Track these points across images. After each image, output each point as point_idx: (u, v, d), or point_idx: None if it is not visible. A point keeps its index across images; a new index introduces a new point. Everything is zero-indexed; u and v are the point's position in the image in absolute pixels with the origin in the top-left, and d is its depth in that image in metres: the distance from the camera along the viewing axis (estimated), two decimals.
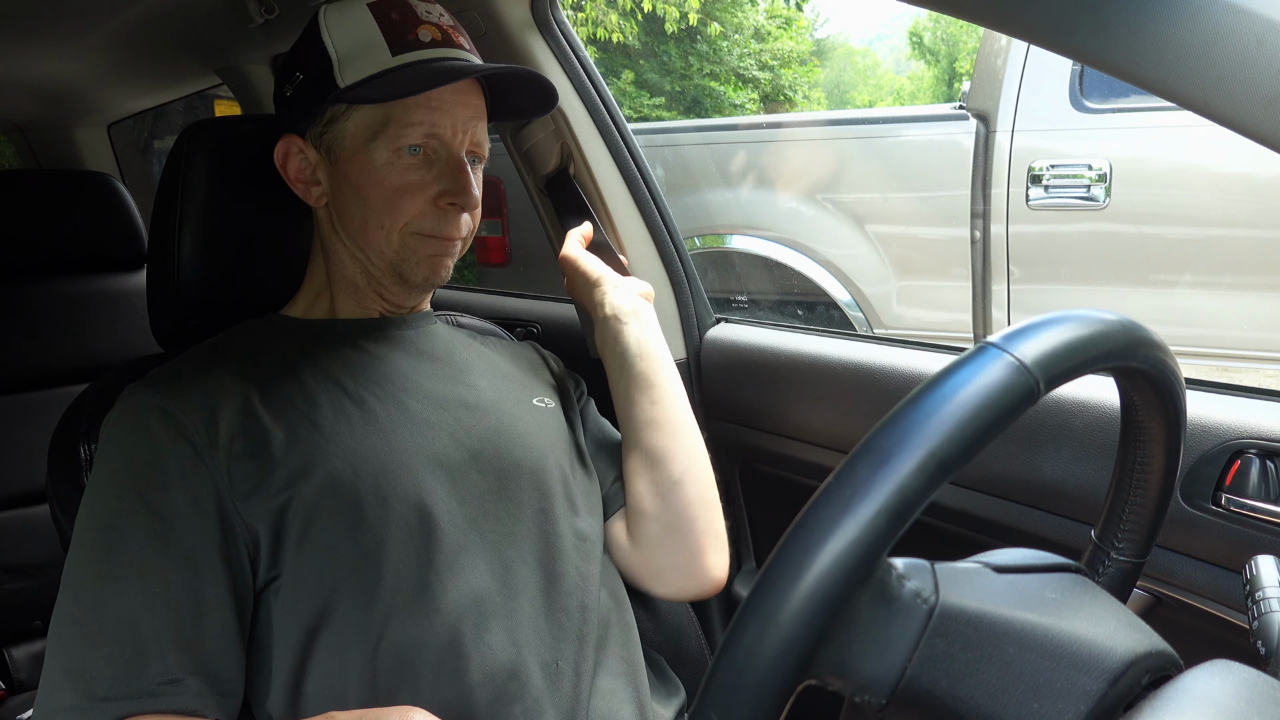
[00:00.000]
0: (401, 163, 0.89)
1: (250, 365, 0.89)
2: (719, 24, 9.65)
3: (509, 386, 1.01)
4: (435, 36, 0.90)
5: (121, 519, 0.78)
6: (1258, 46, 0.55)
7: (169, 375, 0.86)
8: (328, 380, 0.89)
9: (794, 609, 0.37)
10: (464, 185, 0.90)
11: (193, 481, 0.79)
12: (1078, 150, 2.89)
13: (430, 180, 0.90)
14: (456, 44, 0.92)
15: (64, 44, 1.79)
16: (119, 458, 0.81)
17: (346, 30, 0.90)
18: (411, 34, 0.89)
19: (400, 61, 0.88)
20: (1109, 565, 0.62)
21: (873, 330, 3.30)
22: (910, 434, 0.39)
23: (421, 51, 0.89)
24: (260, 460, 0.81)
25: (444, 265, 0.94)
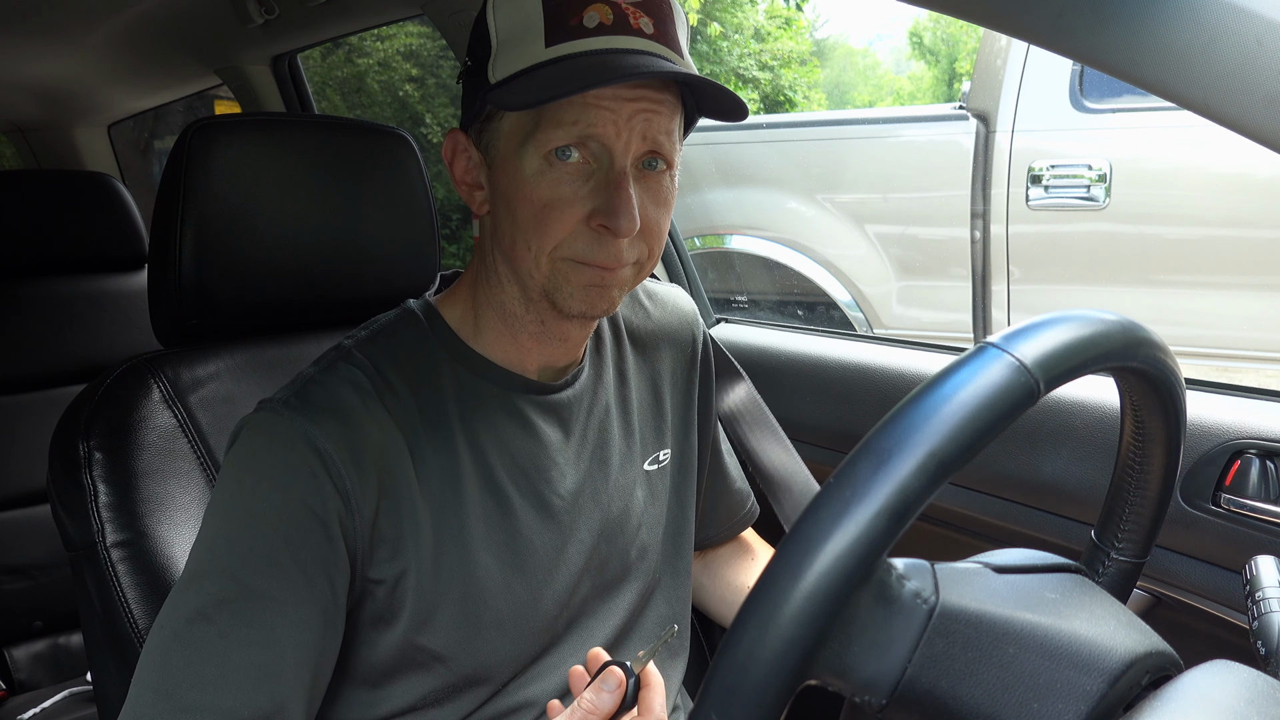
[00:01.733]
0: (553, 172, 0.74)
1: (412, 410, 0.80)
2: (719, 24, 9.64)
3: (634, 448, 0.94)
4: (605, 19, 0.73)
5: (241, 560, 0.71)
6: (1258, 46, 0.55)
7: (328, 404, 0.76)
8: (477, 456, 0.82)
9: (794, 609, 0.37)
10: (616, 205, 0.73)
11: (331, 543, 0.73)
12: (1078, 150, 2.89)
13: (585, 194, 0.75)
14: (633, 28, 0.74)
15: (64, 44, 1.79)
16: (260, 492, 0.73)
17: (511, 9, 0.75)
18: (576, 17, 0.73)
19: (553, 55, 0.73)
20: (1109, 565, 0.62)
21: (873, 330, 3.30)
22: (910, 434, 0.39)
23: (582, 41, 0.73)
24: (398, 550, 0.77)
25: (605, 297, 0.79)
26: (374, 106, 7.00)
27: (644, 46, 0.74)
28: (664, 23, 0.75)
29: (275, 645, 0.70)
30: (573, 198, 0.74)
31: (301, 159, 1.01)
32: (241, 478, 0.74)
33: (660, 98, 0.75)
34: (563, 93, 0.70)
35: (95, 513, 0.90)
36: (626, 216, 0.73)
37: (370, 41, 6.80)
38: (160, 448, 0.93)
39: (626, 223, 0.73)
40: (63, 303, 1.84)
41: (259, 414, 0.77)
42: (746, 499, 1.14)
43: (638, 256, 0.79)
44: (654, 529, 0.95)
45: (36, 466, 0.98)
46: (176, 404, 0.95)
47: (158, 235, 0.96)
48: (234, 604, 0.69)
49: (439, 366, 0.83)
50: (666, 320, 1.01)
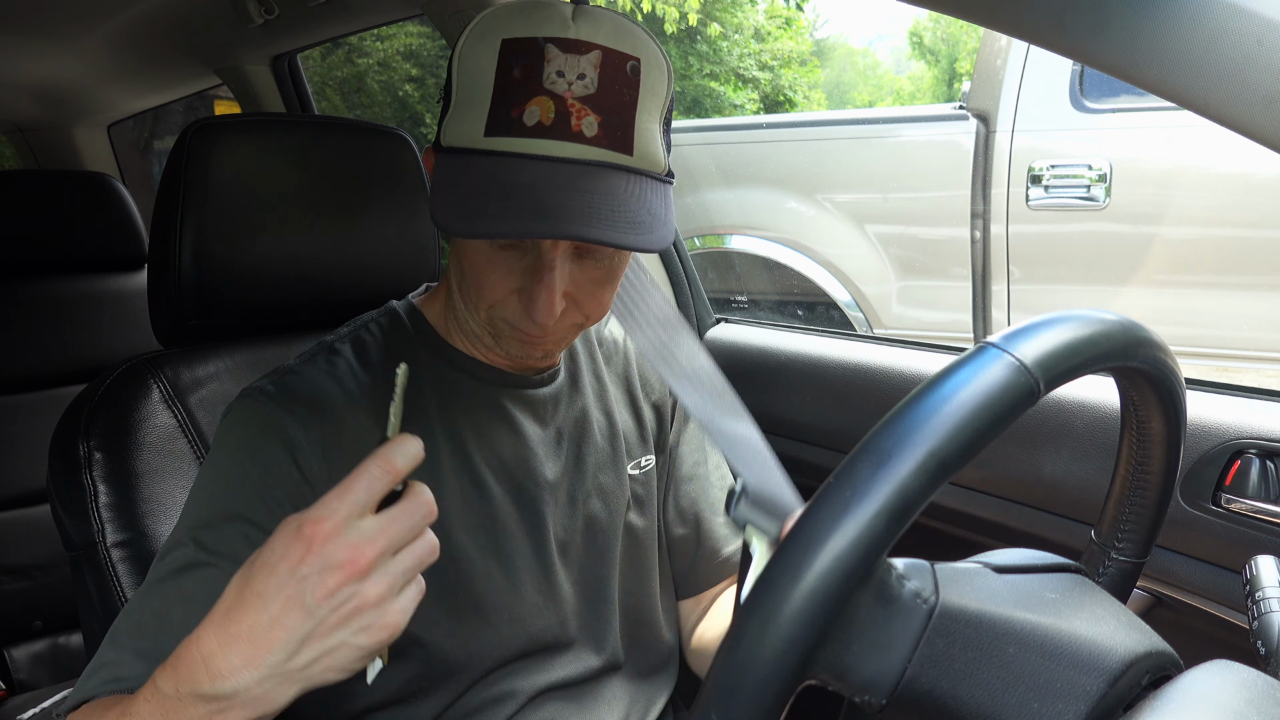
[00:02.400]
0: (489, 247, 0.75)
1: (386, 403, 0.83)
2: (719, 24, 9.64)
3: (620, 451, 0.94)
4: (545, 118, 0.70)
5: (206, 527, 0.75)
6: (1258, 46, 0.55)
7: (303, 393, 0.79)
8: (455, 446, 0.84)
9: (794, 609, 0.37)
10: (534, 297, 0.74)
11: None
12: (1077, 150, 2.89)
13: (516, 272, 0.76)
14: (573, 131, 0.70)
15: (64, 44, 1.79)
16: (227, 469, 0.78)
17: (470, 68, 0.73)
18: (518, 108, 0.70)
19: (489, 146, 0.71)
20: (1109, 565, 0.62)
21: (873, 330, 3.30)
22: (910, 434, 0.39)
23: (518, 140, 0.70)
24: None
25: (540, 351, 0.81)
26: (374, 106, 7.00)
27: (580, 154, 0.70)
28: (618, 114, 0.72)
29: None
30: (505, 273, 0.76)
31: (301, 159, 1.01)
32: (216, 459, 0.79)
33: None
34: (466, 232, 0.70)
35: (95, 513, 0.90)
36: (544, 310, 0.74)
37: (370, 41, 6.80)
38: (160, 448, 0.93)
39: (543, 315, 0.74)
40: (63, 303, 1.84)
41: (238, 401, 0.80)
42: (730, 540, 1.02)
43: (573, 322, 0.80)
44: (638, 533, 0.95)
45: (36, 466, 0.98)
46: (176, 404, 0.95)
47: (157, 235, 0.96)
48: (198, 569, 0.73)
49: (419, 362, 0.85)
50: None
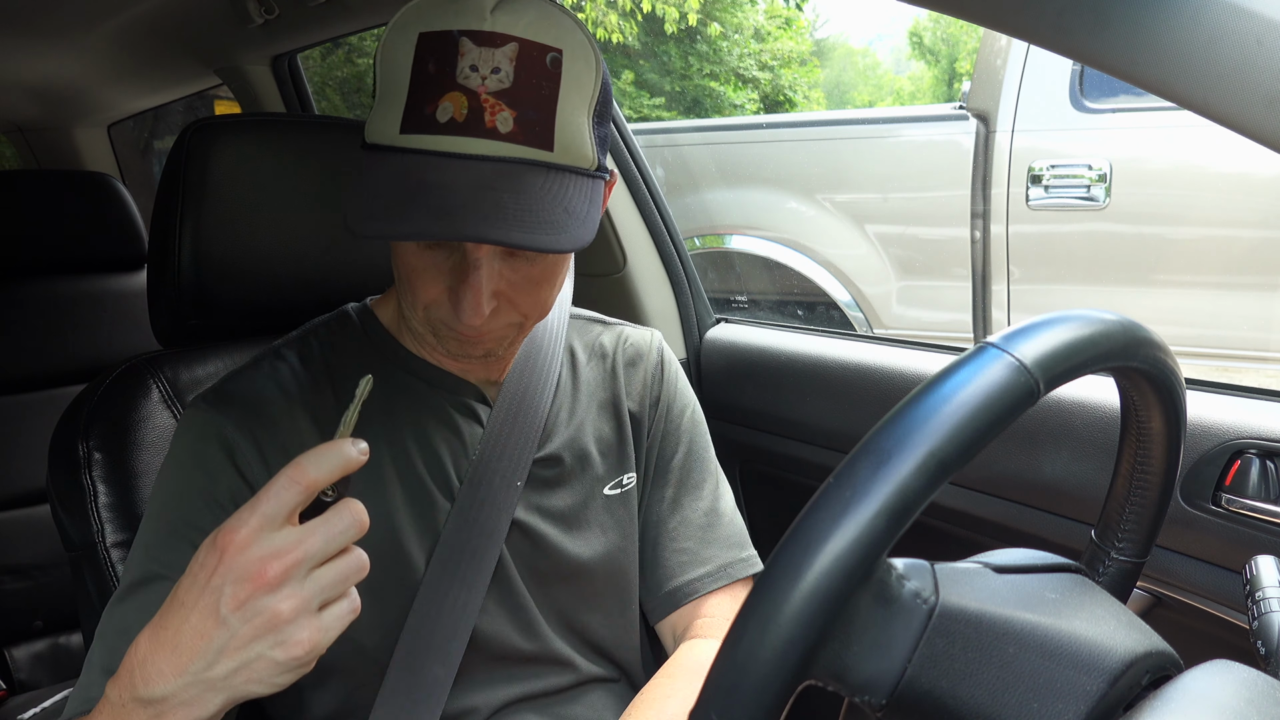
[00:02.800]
0: (414, 246, 0.74)
1: (332, 408, 0.82)
2: (719, 24, 9.64)
3: (590, 469, 0.92)
4: (458, 114, 0.68)
5: (157, 540, 0.77)
6: (1258, 46, 0.55)
7: (244, 398, 0.80)
8: (397, 452, 0.83)
9: (794, 609, 0.37)
10: (460, 297, 0.73)
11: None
12: (1077, 150, 2.89)
13: (445, 271, 0.74)
14: (486, 127, 0.68)
15: (64, 44, 1.79)
16: (174, 479, 0.79)
17: (390, 62, 0.72)
18: (431, 104, 0.69)
19: (402, 144, 0.70)
20: (1109, 565, 0.62)
21: (873, 330, 3.30)
22: (910, 434, 0.39)
23: (430, 138, 0.69)
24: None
25: (479, 349, 0.80)
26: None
27: (493, 151, 0.68)
28: (536, 108, 0.70)
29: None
30: (435, 273, 0.75)
31: (301, 159, 1.00)
32: (164, 470, 0.80)
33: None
34: (372, 234, 0.68)
35: (95, 513, 0.90)
36: (470, 310, 0.73)
37: (370, 42, 6.80)
38: (160, 448, 0.93)
39: (468, 315, 0.73)
40: (63, 303, 1.84)
41: (185, 409, 0.82)
42: (688, 566, 0.95)
43: (510, 322, 0.78)
44: (602, 552, 0.91)
45: (36, 466, 0.98)
46: (176, 404, 0.95)
47: (157, 235, 0.96)
48: (153, 583, 0.74)
49: (368, 366, 0.85)
50: (625, 352, 0.99)
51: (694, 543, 0.96)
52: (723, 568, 0.95)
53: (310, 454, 0.56)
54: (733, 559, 0.96)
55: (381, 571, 0.80)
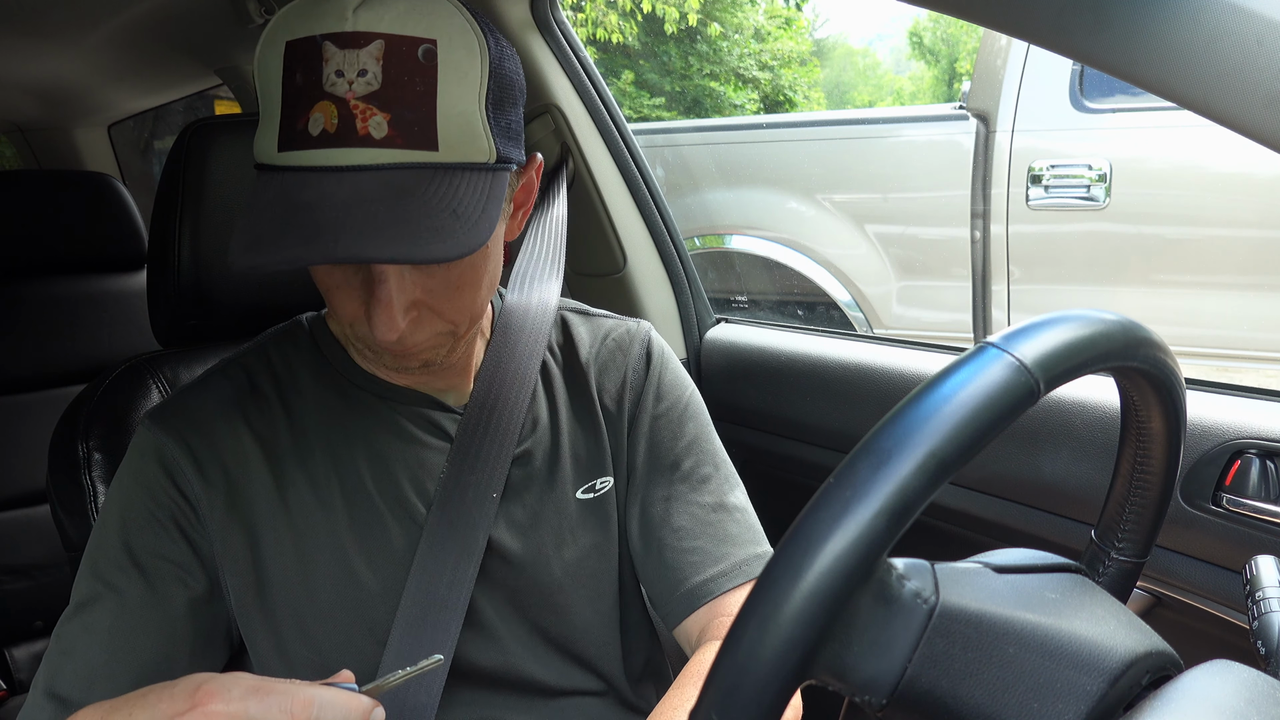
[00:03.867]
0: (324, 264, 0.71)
1: (278, 421, 0.81)
2: (719, 24, 9.65)
3: (561, 473, 0.87)
4: (329, 124, 0.64)
5: (104, 559, 0.77)
6: (1258, 46, 0.55)
7: (186, 414, 0.80)
8: (345, 466, 0.80)
9: (794, 609, 0.37)
10: (373, 314, 0.69)
11: (178, 548, 0.77)
12: (1077, 150, 2.89)
13: (357, 286, 0.71)
14: (359, 135, 0.64)
15: (64, 44, 1.79)
16: (118, 497, 0.79)
17: (262, 77, 0.68)
18: (303, 118, 0.65)
19: (281, 161, 0.66)
20: (1109, 565, 0.62)
21: (873, 330, 3.30)
22: (910, 434, 0.39)
23: (304, 154, 0.65)
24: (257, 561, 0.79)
25: (414, 361, 0.76)
26: None
27: (372, 160, 0.64)
28: (412, 107, 0.65)
29: (111, 645, 0.74)
30: (348, 290, 0.71)
31: None
32: (113, 486, 0.80)
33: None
34: (243, 266, 0.64)
35: (95, 513, 0.90)
36: (383, 326, 0.69)
37: None
38: None
39: (382, 331, 0.69)
40: (63, 303, 1.84)
41: (141, 424, 0.81)
42: (701, 566, 0.88)
43: (437, 331, 0.74)
44: (574, 560, 0.86)
45: (36, 467, 0.98)
46: None
47: (157, 235, 0.96)
48: (97, 602, 0.75)
49: (319, 377, 0.83)
50: (605, 348, 0.94)
51: (705, 540, 0.88)
52: (739, 565, 0.88)
53: (326, 701, 0.57)
54: (749, 555, 0.89)
55: (342, 605, 0.78)
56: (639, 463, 0.91)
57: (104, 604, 0.74)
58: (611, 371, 0.92)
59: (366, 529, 0.80)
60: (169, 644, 0.75)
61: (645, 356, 0.94)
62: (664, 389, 0.93)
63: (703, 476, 0.92)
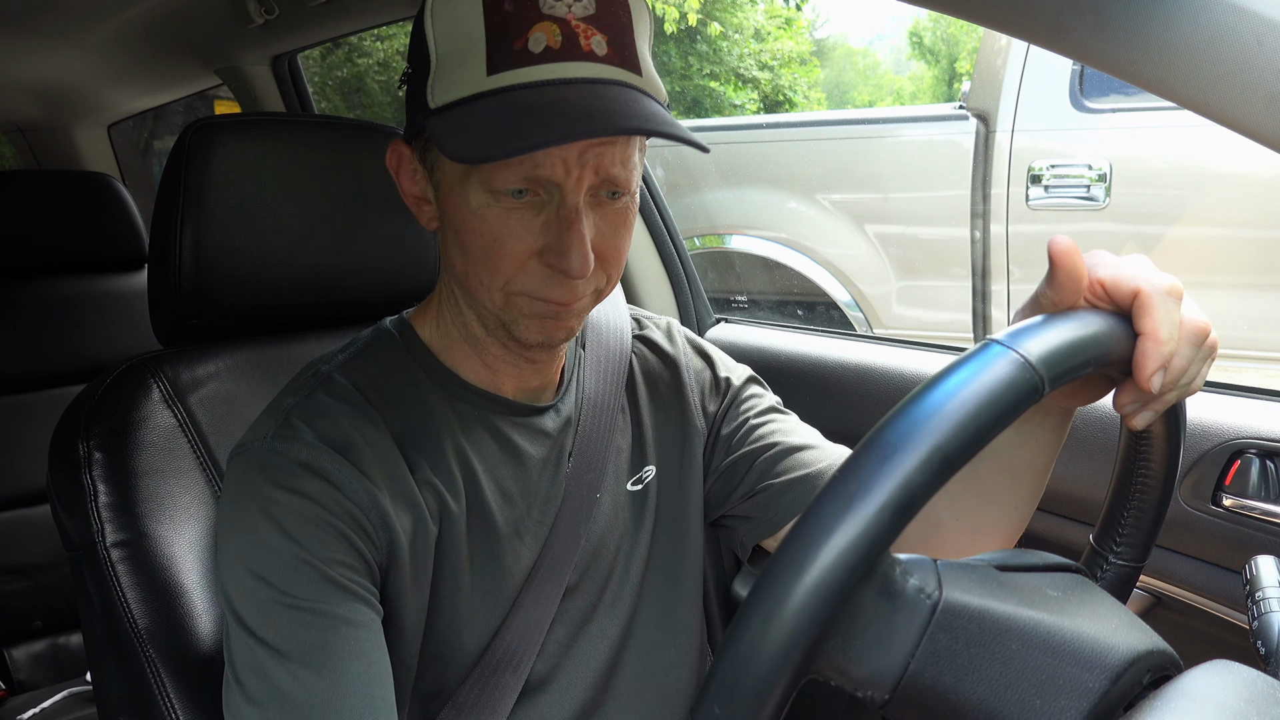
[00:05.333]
0: (499, 206, 0.70)
1: (402, 431, 0.78)
2: (719, 24, 9.65)
3: (621, 467, 0.89)
4: (552, 42, 0.66)
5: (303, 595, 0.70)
6: (1258, 46, 0.55)
7: (323, 428, 0.74)
8: (468, 478, 0.80)
9: (797, 604, 0.37)
10: (567, 246, 0.69)
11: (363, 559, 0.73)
12: (1077, 150, 2.89)
13: (535, 229, 0.70)
14: (584, 51, 0.67)
15: (64, 44, 1.79)
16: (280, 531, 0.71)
17: (450, 20, 0.69)
18: (520, 39, 0.66)
19: (495, 84, 0.67)
20: (1107, 570, 0.62)
21: (873, 330, 3.31)
22: (915, 429, 0.39)
23: (527, 70, 0.66)
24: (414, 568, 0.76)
25: (562, 328, 0.76)
26: (374, 107, 7.00)
27: (596, 73, 0.67)
28: (621, 34, 0.69)
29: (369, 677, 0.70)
30: (523, 233, 0.70)
31: (301, 159, 1.01)
32: (255, 521, 0.71)
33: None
34: (502, 153, 0.64)
35: (95, 513, 0.90)
36: (579, 259, 0.69)
37: (370, 41, 6.80)
38: (160, 447, 0.93)
39: (579, 265, 0.69)
40: (63, 303, 1.84)
41: (249, 454, 0.74)
42: (816, 463, 0.90)
43: (596, 286, 0.76)
44: (633, 555, 0.89)
45: (36, 466, 0.98)
46: (176, 404, 0.95)
47: (157, 235, 0.96)
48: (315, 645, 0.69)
49: (420, 388, 0.81)
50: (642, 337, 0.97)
51: (801, 466, 0.89)
52: (831, 465, 0.89)
53: None
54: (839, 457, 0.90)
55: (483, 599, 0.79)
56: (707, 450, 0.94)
57: (329, 638, 0.68)
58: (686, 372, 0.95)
59: (482, 539, 0.80)
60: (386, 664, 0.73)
61: (692, 348, 0.98)
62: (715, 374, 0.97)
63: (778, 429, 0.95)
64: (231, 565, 0.71)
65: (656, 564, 0.91)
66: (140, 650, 0.87)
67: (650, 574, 0.90)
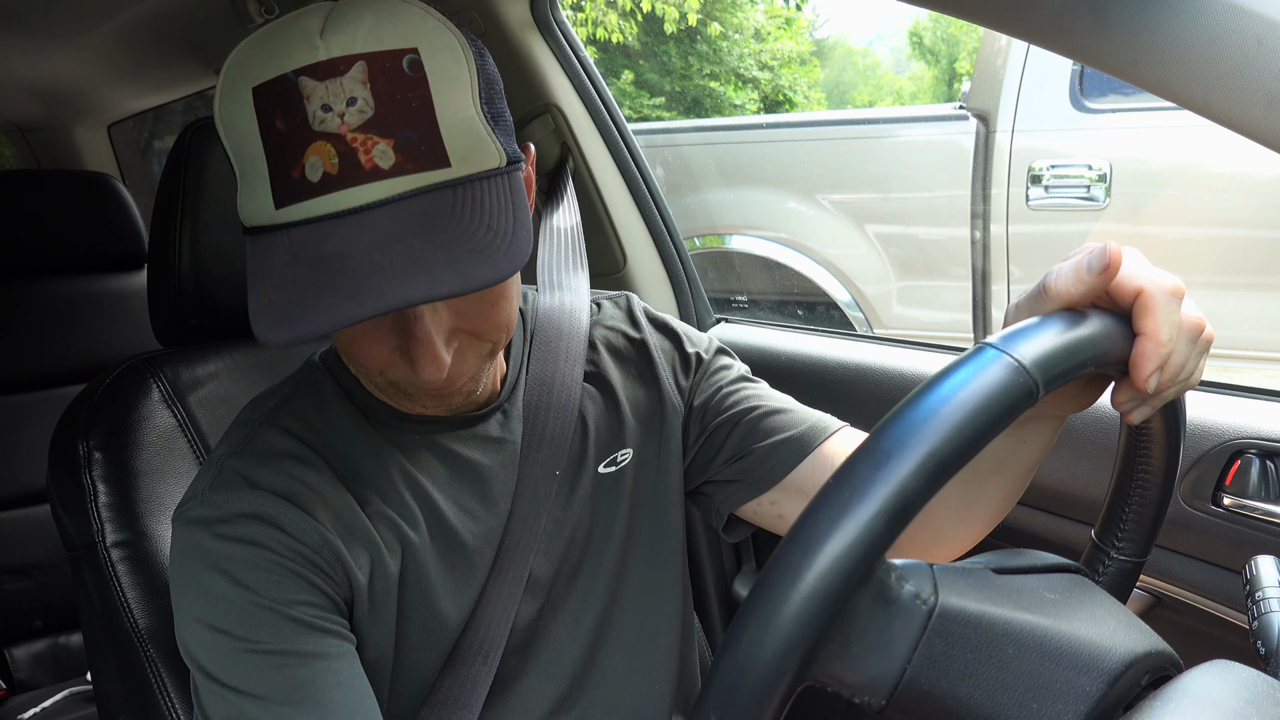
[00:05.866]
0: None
1: (349, 468, 0.76)
2: (719, 24, 9.65)
3: (588, 451, 0.87)
4: (329, 167, 0.59)
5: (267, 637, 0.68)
6: (1258, 46, 0.55)
7: (264, 475, 0.72)
8: (424, 502, 0.78)
9: (794, 610, 0.37)
10: (415, 355, 0.65)
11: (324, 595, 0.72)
12: (1078, 150, 2.89)
13: (385, 328, 0.66)
14: (366, 169, 0.59)
15: (64, 44, 1.79)
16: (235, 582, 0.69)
17: (233, 134, 0.63)
18: (297, 167, 0.59)
19: (283, 219, 0.60)
20: (1109, 565, 0.62)
21: (873, 330, 3.30)
22: (910, 435, 0.39)
23: (309, 204, 0.59)
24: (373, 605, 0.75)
25: (457, 399, 0.73)
26: None
27: (387, 193, 0.59)
28: (412, 127, 0.60)
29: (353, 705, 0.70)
30: (376, 334, 0.66)
31: None
32: (206, 577, 0.69)
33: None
34: (291, 338, 0.58)
35: (95, 512, 0.90)
36: (430, 367, 0.65)
37: None
38: (160, 447, 0.93)
39: (431, 372, 0.65)
40: (63, 303, 1.84)
41: (190, 512, 0.71)
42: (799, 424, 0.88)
43: (478, 355, 0.71)
44: (608, 539, 0.87)
45: (36, 466, 0.98)
46: (176, 404, 0.95)
47: (157, 235, 0.96)
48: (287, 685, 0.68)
49: (358, 422, 0.78)
50: (603, 319, 0.94)
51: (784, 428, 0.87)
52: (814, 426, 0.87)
53: None
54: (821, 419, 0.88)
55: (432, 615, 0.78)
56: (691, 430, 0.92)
57: (305, 674, 0.67)
58: (608, 347, 0.92)
59: (456, 568, 0.79)
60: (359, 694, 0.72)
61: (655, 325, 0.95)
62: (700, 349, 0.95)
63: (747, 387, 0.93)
64: (191, 625, 0.69)
65: (636, 549, 0.88)
66: (140, 650, 0.87)
67: (629, 559, 0.88)
